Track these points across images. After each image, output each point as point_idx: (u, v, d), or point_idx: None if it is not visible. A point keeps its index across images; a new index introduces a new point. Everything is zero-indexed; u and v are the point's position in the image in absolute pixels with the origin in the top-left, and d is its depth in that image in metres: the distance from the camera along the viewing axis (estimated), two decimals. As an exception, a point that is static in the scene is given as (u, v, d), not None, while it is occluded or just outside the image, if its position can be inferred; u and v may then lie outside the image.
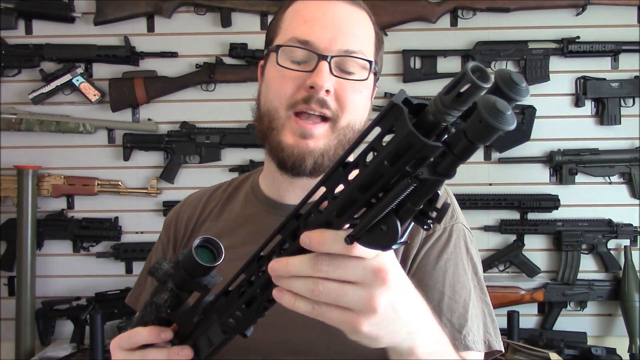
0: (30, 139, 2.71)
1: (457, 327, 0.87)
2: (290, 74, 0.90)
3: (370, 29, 0.96)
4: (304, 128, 0.89)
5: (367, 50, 0.93)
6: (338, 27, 0.90)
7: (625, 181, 2.67)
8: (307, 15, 0.91)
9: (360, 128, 0.94)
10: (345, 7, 0.92)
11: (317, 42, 0.89)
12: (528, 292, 2.65)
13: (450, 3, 2.64)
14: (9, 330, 2.65)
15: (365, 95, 0.94)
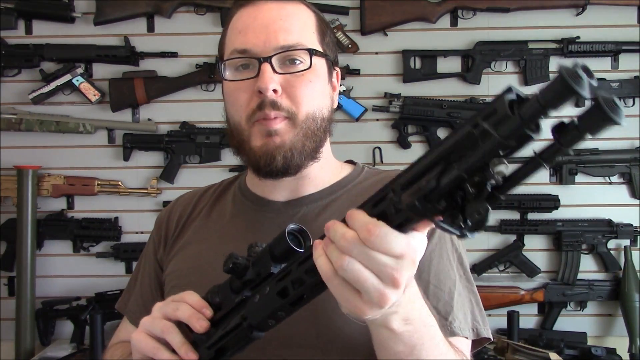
0: (30, 139, 2.71)
1: (443, 314, 0.90)
2: (239, 85, 0.93)
3: (308, 17, 0.96)
4: (267, 126, 0.91)
5: (305, 39, 0.93)
6: (269, 27, 0.91)
7: (625, 181, 2.67)
8: (240, 26, 0.94)
9: (325, 115, 0.96)
10: (274, 6, 0.93)
11: (253, 47, 0.91)
12: (528, 292, 2.65)
13: (450, 3, 2.64)
14: (9, 330, 2.65)
15: (317, 83, 0.94)
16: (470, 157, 0.53)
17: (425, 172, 0.57)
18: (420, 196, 0.56)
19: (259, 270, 0.74)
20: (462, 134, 0.54)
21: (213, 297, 0.79)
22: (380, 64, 2.70)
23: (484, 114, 0.53)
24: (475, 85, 2.66)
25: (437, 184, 0.55)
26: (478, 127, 0.53)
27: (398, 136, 2.68)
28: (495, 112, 0.52)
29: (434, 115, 2.62)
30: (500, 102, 0.52)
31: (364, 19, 2.64)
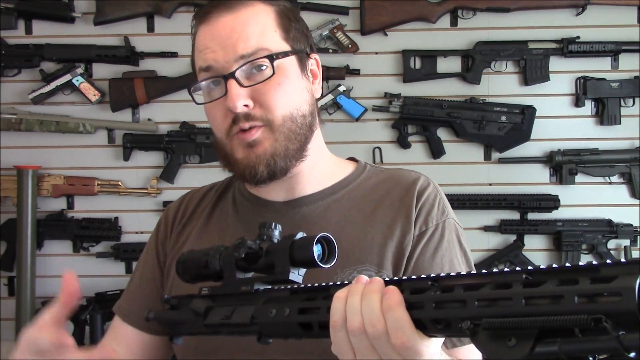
0: (30, 139, 2.71)
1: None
2: (212, 104, 0.94)
3: (266, 16, 0.93)
4: (246, 139, 0.91)
5: (266, 42, 0.91)
6: (226, 41, 0.90)
7: (625, 181, 2.67)
8: (200, 46, 0.93)
9: (305, 110, 0.94)
10: (228, 18, 0.91)
11: (215, 65, 0.91)
12: (528, 292, 2.65)
13: (450, 3, 2.64)
14: (9, 330, 2.65)
15: (288, 83, 0.93)
16: (577, 344, 0.47)
17: (516, 327, 0.50)
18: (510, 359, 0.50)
19: (272, 262, 0.72)
20: (577, 320, 0.47)
21: (212, 263, 0.77)
22: (380, 64, 2.69)
23: (600, 290, 0.47)
24: (475, 85, 2.66)
25: (529, 353, 0.49)
26: (597, 321, 0.46)
27: (398, 136, 2.68)
28: (617, 296, 0.45)
29: (434, 115, 2.62)
30: (629, 292, 0.45)
31: (364, 19, 2.64)
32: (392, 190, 0.99)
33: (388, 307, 0.59)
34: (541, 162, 2.68)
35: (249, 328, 0.72)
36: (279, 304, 0.69)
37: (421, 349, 0.59)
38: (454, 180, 2.65)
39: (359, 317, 0.60)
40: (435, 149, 2.67)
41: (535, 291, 0.50)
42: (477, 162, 2.70)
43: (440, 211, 0.97)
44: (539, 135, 2.65)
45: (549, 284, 0.50)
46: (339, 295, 0.63)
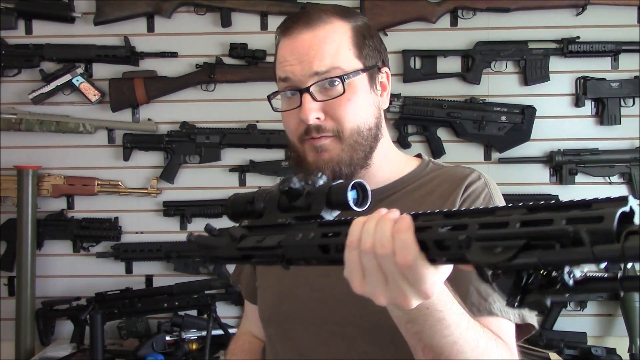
0: (30, 139, 2.71)
1: (484, 295, 0.94)
2: (288, 112, 1.03)
3: (342, 35, 1.02)
4: (317, 143, 1.01)
5: (341, 60, 1.00)
6: (304, 57, 0.99)
7: (625, 181, 2.67)
8: (280, 59, 1.03)
9: (371, 124, 1.03)
10: (308, 35, 1.00)
11: (292, 77, 1.00)
12: (528, 292, 2.64)
13: (450, 3, 2.64)
14: (9, 330, 2.65)
15: (357, 99, 1.01)
16: (554, 254, 0.53)
17: (505, 238, 0.56)
18: (491, 264, 0.56)
19: (310, 203, 0.77)
20: (558, 229, 0.53)
21: (258, 201, 0.84)
22: (380, 64, 2.69)
23: (586, 215, 0.53)
24: (475, 85, 2.66)
25: (511, 259, 0.55)
26: (576, 232, 0.52)
27: (398, 136, 2.68)
28: (600, 221, 0.51)
29: (434, 115, 2.63)
30: (610, 216, 0.51)
31: (364, 19, 2.64)
32: (444, 184, 1.07)
33: (398, 229, 0.65)
34: (541, 162, 2.68)
35: (275, 251, 0.77)
36: (307, 230, 0.75)
37: (424, 272, 0.64)
38: (454, 180, 2.64)
39: (372, 238, 0.66)
40: (435, 149, 2.67)
41: (532, 216, 0.56)
42: (477, 162, 2.70)
43: (486, 202, 1.05)
44: (539, 135, 2.65)
45: (545, 212, 0.56)
46: (358, 220, 0.69)
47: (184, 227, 2.71)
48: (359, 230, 0.68)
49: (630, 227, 0.50)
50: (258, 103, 2.68)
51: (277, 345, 1.13)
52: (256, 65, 2.65)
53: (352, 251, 0.68)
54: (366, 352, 1.01)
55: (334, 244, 0.71)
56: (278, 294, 1.10)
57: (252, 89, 2.68)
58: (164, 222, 2.72)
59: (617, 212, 0.51)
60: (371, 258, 0.66)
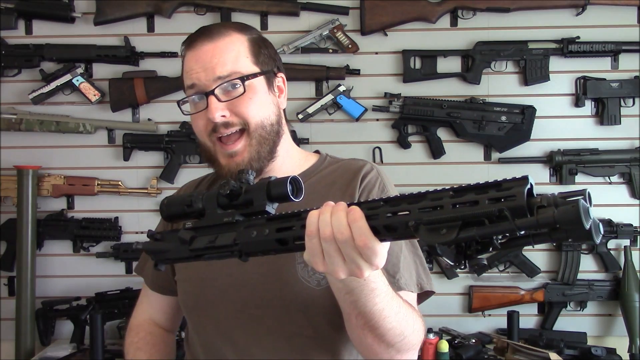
0: (30, 139, 2.71)
1: (392, 274, 1.09)
2: (196, 115, 1.15)
3: (240, 45, 1.15)
4: (228, 149, 1.13)
5: (239, 66, 1.13)
6: (207, 65, 1.12)
7: (625, 181, 2.67)
8: (187, 68, 1.15)
9: (272, 120, 1.16)
10: (209, 46, 1.13)
11: (198, 83, 1.12)
12: (528, 292, 2.65)
13: (450, 3, 2.64)
14: (9, 330, 2.65)
15: (257, 98, 1.14)
16: (487, 228, 0.68)
17: (445, 221, 0.70)
18: (441, 242, 0.70)
19: (252, 199, 0.87)
20: (485, 211, 0.68)
21: (196, 202, 0.93)
22: (380, 64, 2.70)
23: (501, 195, 0.68)
24: (475, 85, 2.66)
25: (455, 237, 0.69)
26: (501, 211, 0.67)
27: (398, 136, 2.68)
28: (513, 199, 0.67)
29: (434, 115, 2.63)
30: (520, 195, 0.67)
31: (364, 19, 2.64)
32: (343, 176, 1.19)
33: (353, 219, 0.78)
34: (541, 162, 2.68)
35: (231, 249, 0.86)
36: (258, 226, 0.85)
37: (377, 250, 0.78)
38: (454, 180, 2.64)
39: (330, 227, 0.79)
40: (435, 149, 2.67)
41: (460, 199, 0.71)
42: (477, 162, 2.70)
43: (380, 190, 1.16)
44: (539, 135, 2.65)
45: (469, 194, 0.70)
46: (312, 213, 0.81)
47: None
48: (315, 222, 0.80)
49: (538, 202, 0.66)
50: (258, 103, 2.69)
51: (201, 332, 1.22)
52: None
53: (312, 239, 0.80)
54: (284, 331, 1.13)
55: (292, 236, 0.82)
56: (200, 283, 1.20)
57: (252, 89, 2.68)
58: (164, 222, 2.72)
59: (525, 190, 0.67)
60: (331, 243, 0.79)
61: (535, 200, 0.67)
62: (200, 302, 1.20)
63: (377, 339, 0.98)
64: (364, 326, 0.96)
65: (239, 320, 1.15)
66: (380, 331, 0.97)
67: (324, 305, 1.10)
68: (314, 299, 1.10)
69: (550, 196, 0.67)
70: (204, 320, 1.20)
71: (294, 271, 1.11)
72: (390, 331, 0.97)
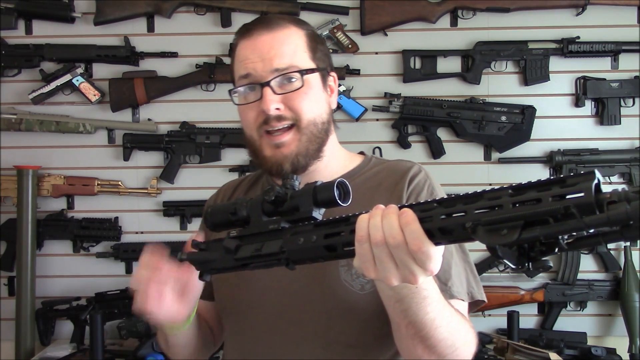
0: (30, 139, 2.71)
1: (443, 281, 1.05)
2: (247, 106, 1.12)
3: (298, 39, 1.12)
4: (275, 140, 1.09)
5: (297, 60, 1.10)
6: (265, 55, 1.09)
7: (625, 181, 2.67)
8: (241, 57, 1.12)
9: (324, 118, 1.13)
10: (267, 37, 1.10)
11: (253, 73, 1.09)
12: (528, 292, 2.65)
13: (450, 3, 2.64)
14: (9, 330, 2.65)
15: (312, 94, 1.11)
16: (552, 228, 0.63)
17: (506, 220, 0.66)
18: (502, 244, 0.66)
19: (297, 205, 0.84)
20: (550, 209, 0.63)
21: (240, 210, 0.90)
22: (380, 64, 2.70)
23: (565, 191, 0.63)
24: (475, 85, 2.66)
25: (517, 238, 0.65)
26: (566, 208, 0.62)
27: (398, 136, 2.68)
28: (581, 195, 0.62)
29: (434, 115, 2.63)
30: (588, 190, 0.61)
31: (364, 19, 2.64)
32: (389, 178, 1.15)
33: (405, 222, 0.74)
34: (541, 162, 2.68)
35: (278, 257, 0.84)
36: (305, 233, 0.82)
37: (432, 252, 0.74)
38: (454, 180, 2.64)
39: (381, 232, 0.75)
40: (435, 149, 2.67)
41: (521, 197, 0.66)
42: (477, 162, 2.70)
43: (429, 192, 1.12)
44: (539, 135, 2.65)
45: (530, 192, 0.66)
46: (362, 217, 0.78)
47: (184, 227, 2.71)
48: (365, 227, 0.77)
49: (608, 197, 0.61)
50: (258, 103, 2.69)
51: (237, 335, 1.18)
52: (256, 65, 2.65)
53: (363, 244, 0.77)
54: (323, 337, 1.08)
55: (340, 242, 0.79)
56: (236, 284, 1.16)
57: (252, 89, 2.68)
58: (164, 222, 2.72)
59: (592, 185, 0.61)
60: (383, 249, 0.75)
61: (605, 195, 0.61)
62: (237, 304, 1.17)
63: (428, 350, 0.93)
64: (414, 336, 0.92)
65: (277, 325, 1.11)
66: (432, 342, 0.92)
67: (366, 311, 1.05)
68: (357, 304, 1.06)
69: (622, 191, 0.61)
70: (241, 323, 1.16)
71: (337, 274, 1.07)
72: (442, 342, 0.93)
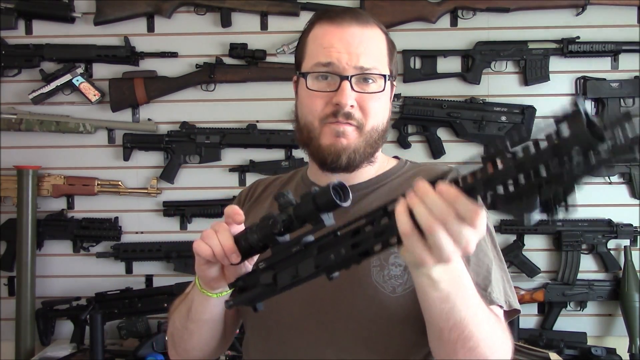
0: (30, 139, 2.71)
1: (483, 286, 1.03)
2: (317, 93, 1.08)
3: (382, 42, 1.11)
4: (338, 127, 1.07)
5: (380, 63, 1.09)
6: (353, 49, 1.06)
7: (625, 181, 2.67)
8: (325, 43, 1.08)
9: (385, 126, 1.12)
10: (357, 30, 1.07)
11: (337, 64, 1.06)
12: (528, 292, 2.65)
13: (450, 3, 2.64)
14: (9, 330, 2.65)
15: (384, 101, 1.11)
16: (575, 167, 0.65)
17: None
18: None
19: (304, 219, 0.85)
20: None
21: (251, 235, 0.90)
22: (380, 64, 2.69)
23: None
24: (475, 85, 2.66)
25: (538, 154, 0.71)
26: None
27: (398, 136, 2.68)
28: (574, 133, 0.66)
29: (434, 115, 2.63)
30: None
31: (364, 19, 2.64)
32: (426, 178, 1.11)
33: (452, 198, 0.72)
34: (541, 162, 2.68)
35: (317, 275, 0.84)
36: (332, 247, 0.82)
37: (483, 215, 0.72)
38: (454, 180, 2.64)
39: (428, 218, 0.72)
40: (435, 149, 2.67)
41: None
42: (477, 162, 2.69)
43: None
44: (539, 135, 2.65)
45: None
46: (399, 210, 0.75)
47: (184, 227, 2.71)
48: (407, 220, 0.74)
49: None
50: (258, 103, 2.69)
51: (261, 335, 1.15)
52: (256, 65, 2.65)
53: (410, 238, 0.74)
54: (350, 341, 1.06)
55: (371, 247, 0.78)
56: None
57: (252, 89, 2.69)
58: (164, 222, 2.72)
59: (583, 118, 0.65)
60: (437, 231, 0.72)
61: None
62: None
63: (470, 352, 0.90)
64: (457, 339, 0.89)
65: (304, 325, 1.08)
66: (474, 342, 0.89)
67: (396, 315, 1.03)
68: (387, 307, 1.03)
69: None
70: (266, 322, 1.12)
71: (369, 274, 1.05)
72: (483, 342, 0.90)
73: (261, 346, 1.15)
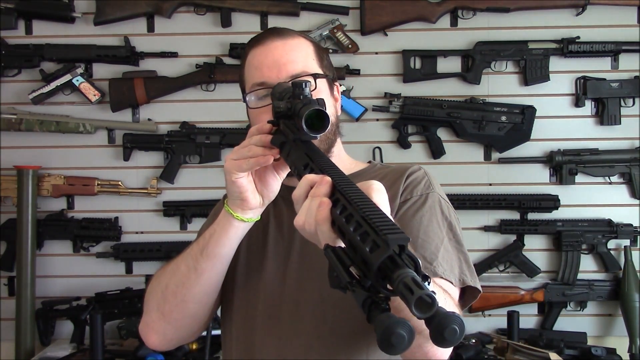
0: (30, 139, 2.71)
1: (428, 260, 1.07)
2: (261, 110, 1.14)
3: (308, 47, 1.18)
4: None
5: (308, 66, 1.15)
6: (279, 61, 1.13)
7: (625, 181, 2.67)
8: (255, 63, 1.15)
9: (332, 120, 1.15)
10: (280, 43, 1.15)
11: (268, 80, 1.12)
12: (528, 292, 2.65)
13: (450, 3, 2.64)
14: (9, 330, 2.65)
15: (323, 97, 1.11)
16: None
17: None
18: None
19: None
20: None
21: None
22: (380, 64, 2.70)
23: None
24: (475, 85, 2.66)
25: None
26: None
27: (398, 136, 2.68)
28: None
29: (434, 115, 2.62)
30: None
31: (364, 19, 2.64)
32: (390, 177, 1.18)
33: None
34: (541, 162, 2.68)
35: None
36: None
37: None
38: (454, 180, 2.65)
39: (304, 217, 0.82)
40: (435, 149, 2.67)
41: None
42: (477, 162, 2.70)
43: (426, 186, 1.16)
44: (539, 135, 2.65)
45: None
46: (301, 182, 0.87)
47: (184, 227, 2.71)
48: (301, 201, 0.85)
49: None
50: (258, 103, 2.68)
51: (244, 329, 1.18)
52: (256, 65, 2.65)
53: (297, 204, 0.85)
54: (317, 330, 1.10)
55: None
56: (244, 285, 1.18)
57: (252, 89, 2.68)
58: (164, 222, 2.72)
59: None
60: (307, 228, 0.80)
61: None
62: (250, 299, 1.18)
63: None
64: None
65: (278, 316, 1.14)
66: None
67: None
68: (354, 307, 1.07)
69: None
70: (247, 312, 1.17)
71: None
72: None
73: (241, 339, 1.19)
